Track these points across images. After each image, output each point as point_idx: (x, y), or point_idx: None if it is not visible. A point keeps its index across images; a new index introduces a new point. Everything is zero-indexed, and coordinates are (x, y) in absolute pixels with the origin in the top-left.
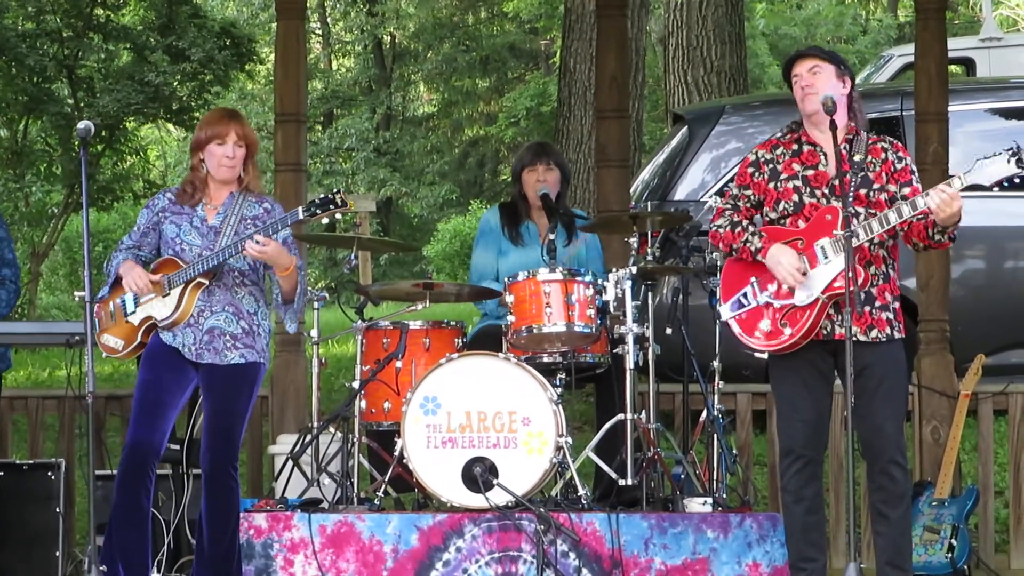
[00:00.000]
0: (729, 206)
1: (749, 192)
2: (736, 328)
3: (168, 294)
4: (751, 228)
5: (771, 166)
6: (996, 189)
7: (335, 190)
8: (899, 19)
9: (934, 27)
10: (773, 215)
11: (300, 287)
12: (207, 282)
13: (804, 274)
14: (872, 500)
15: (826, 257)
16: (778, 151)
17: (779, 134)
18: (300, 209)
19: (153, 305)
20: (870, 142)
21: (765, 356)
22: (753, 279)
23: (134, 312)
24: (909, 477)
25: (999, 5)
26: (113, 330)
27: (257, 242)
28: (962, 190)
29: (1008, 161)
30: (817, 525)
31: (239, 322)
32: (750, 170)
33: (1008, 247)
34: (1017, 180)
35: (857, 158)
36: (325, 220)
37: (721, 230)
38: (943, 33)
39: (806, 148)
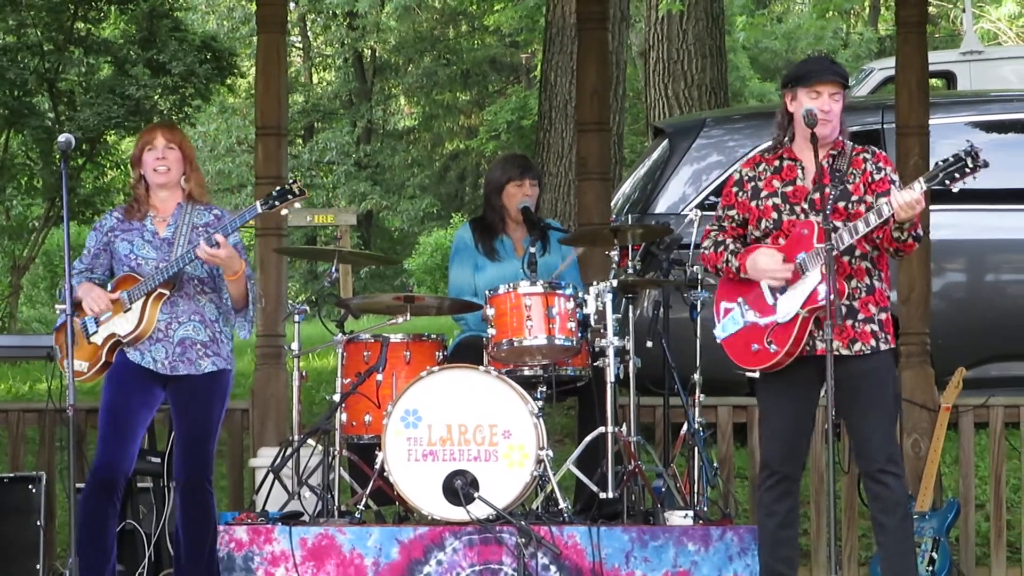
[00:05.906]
0: (715, 227)
1: (733, 212)
2: (729, 351)
3: (129, 309)
4: (731, 247)
5: (753, 184)
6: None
7: (291, 180)
8: (880, 33)
9: (915, 41)
10: (757, 233)
11: (251, 295)
12: (168, 293)
13: (785, 262)
14: (871, 511)
15: (804, 272)
16: (760, 168)
17: (763, 150)
18: (258, 203)
19: (115, 322)
20: (854, 153)
21: (757, 375)
22: (740, 299)
23: (96, 332)
24: (904, 485)
25: (980, 19)
26: (76, 353)
27: (212, 243)
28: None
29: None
30: (788, 541)
31: (205, 330)
32: (734, 189)
33: (989, 260)
34: (968, 169)
35: (839, 171)
36: (285, 212)
37: (706, 251)
38: (924, 47)
39: (787, 164)
